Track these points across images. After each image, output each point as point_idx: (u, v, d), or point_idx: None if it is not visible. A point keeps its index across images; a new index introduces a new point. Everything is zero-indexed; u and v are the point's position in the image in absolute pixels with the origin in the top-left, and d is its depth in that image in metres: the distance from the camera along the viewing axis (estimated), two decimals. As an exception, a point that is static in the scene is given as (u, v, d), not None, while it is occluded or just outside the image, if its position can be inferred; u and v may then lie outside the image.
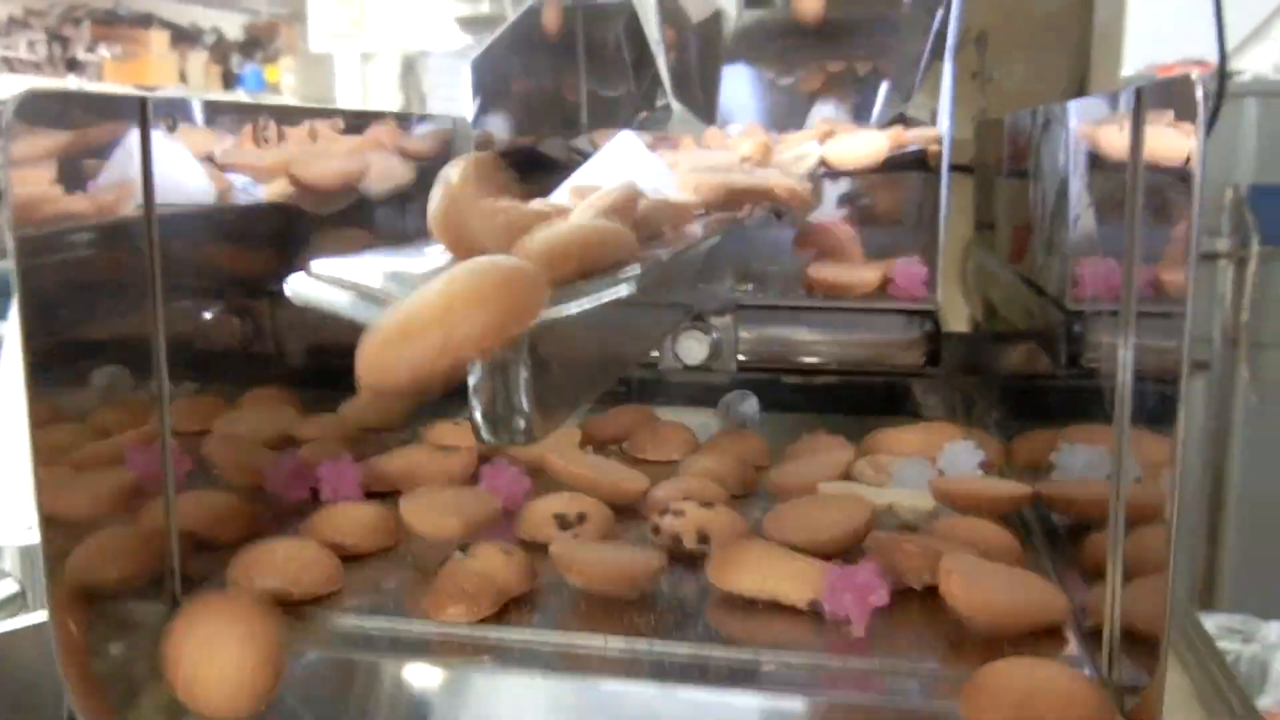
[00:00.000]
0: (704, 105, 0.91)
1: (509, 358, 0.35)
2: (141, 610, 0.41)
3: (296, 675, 0.40)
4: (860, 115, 0.75)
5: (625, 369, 0.58)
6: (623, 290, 0.31)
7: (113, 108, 0.38)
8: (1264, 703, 1.35)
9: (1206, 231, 2.15)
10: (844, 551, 0.45)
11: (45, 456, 0.36)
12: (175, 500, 0.41)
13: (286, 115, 0.50)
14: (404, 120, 0.61)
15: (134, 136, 0.38)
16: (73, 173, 0.36)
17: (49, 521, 0.36)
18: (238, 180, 0.47)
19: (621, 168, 0.48)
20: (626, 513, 0.52)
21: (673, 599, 0.44)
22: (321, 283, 0.34)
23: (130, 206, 0.39)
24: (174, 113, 0.41)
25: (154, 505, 0.41)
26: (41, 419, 0.36)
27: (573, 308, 0.31)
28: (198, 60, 3.73)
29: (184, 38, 3.74)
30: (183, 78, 3.66)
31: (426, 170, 0.63)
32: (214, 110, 0.44)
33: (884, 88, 0.79)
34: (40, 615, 0.50)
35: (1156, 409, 0.36)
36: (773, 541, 0.46)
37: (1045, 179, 0.54)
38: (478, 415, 0.35)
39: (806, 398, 0.66)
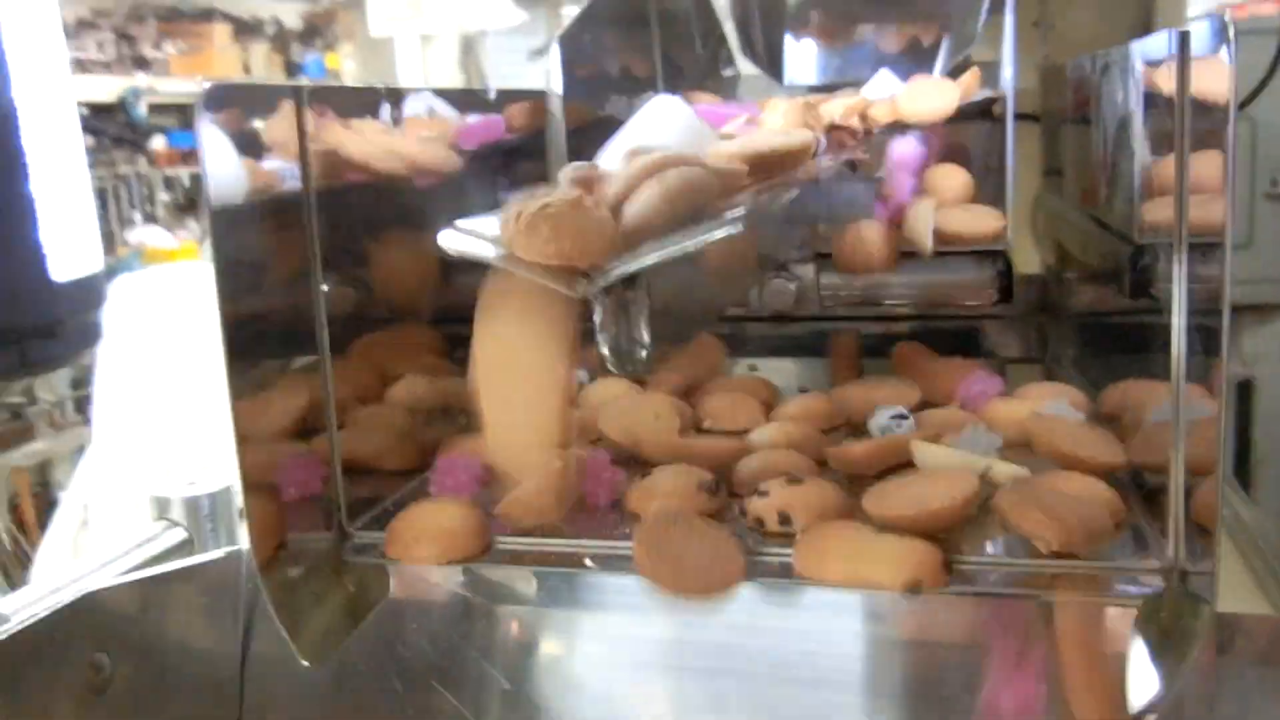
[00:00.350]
0: (770, 66, 0.95)
1: (629, 298, 0.41)
2: (315, 539, 0.47)
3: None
4: (923, 69, 0.79)
5: (724, 309, 0.63)
6: (729, 229, 0.37)
7: (275, 95, 0.44)
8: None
9: (1283, 171, 2.13)
10: (950, 524, 0.46)
11: (241, 413, 0.42)
12: (339, 444, 0.48)
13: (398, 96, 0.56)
14: (505, 94, 0.67)
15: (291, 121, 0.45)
16: (248, 150, 0.42)
17: (248, 479, 0.43)
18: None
19: (664, 130, 0.50)
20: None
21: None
22: (466, 236, 0.40)
23: (288, 184, 0.45)
24: (324, 99, 0.47)
25: (322, 447, 0.47)
26: (236, 376, 0.42)
27: (687, 245, 0.37)
28: (260, 51, 3.84)
29: (245, 30, 3.85)
30: (246, 69, 3.78)
31: (526, 140, 0.69)
32: (351, 95, 0.51)
33: (945, 41, 0.83)
34: (206, 556, 0.57)
35: (1209, 340, 0.40)
36: (867, 519, 0.46)
37: (1107, 120, 0.58)
38: (605, 349, 0.41)
39: (889, 342, 0.71)
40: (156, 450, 2.19)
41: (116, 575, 0.51)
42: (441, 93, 0.62)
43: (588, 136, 0.77)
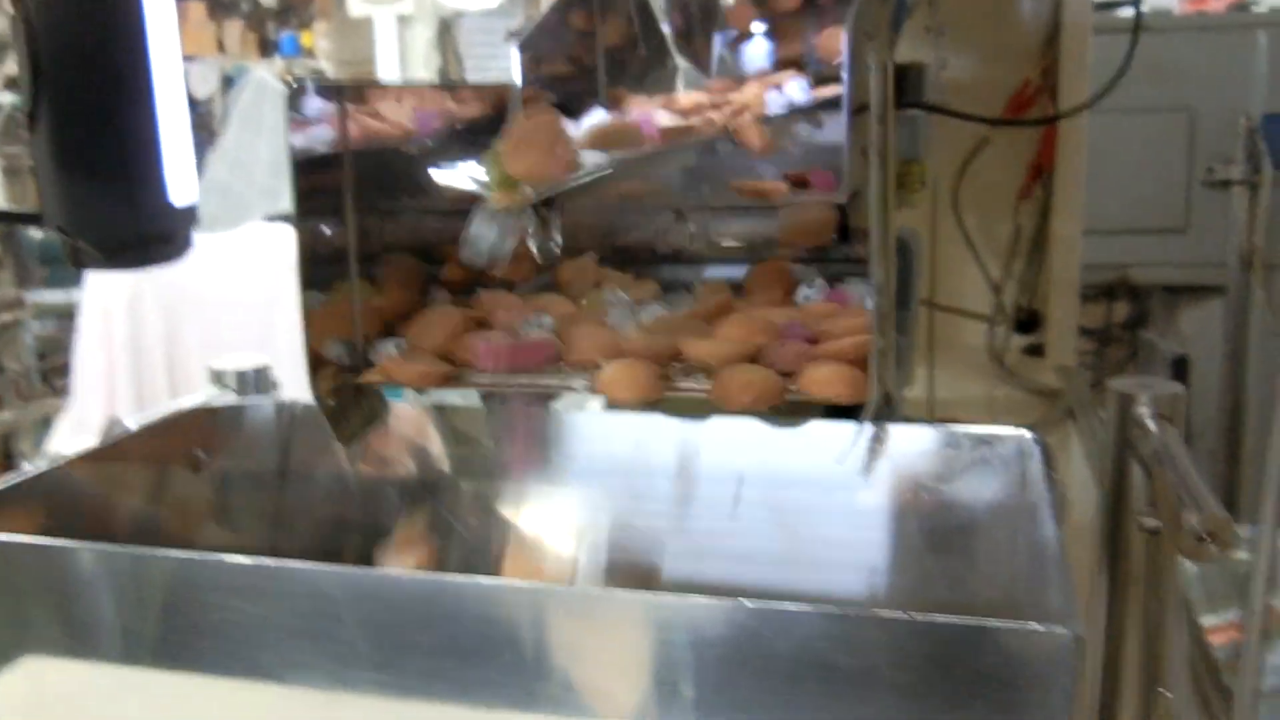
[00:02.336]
0: (703, 61, 1.26)
1: (549, 214, 0.71)
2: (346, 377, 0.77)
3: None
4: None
5: (621, 234, 0.93)
6: (608, 170, 0.67)
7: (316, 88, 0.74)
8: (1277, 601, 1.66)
9: (1220, 159, 2.45)
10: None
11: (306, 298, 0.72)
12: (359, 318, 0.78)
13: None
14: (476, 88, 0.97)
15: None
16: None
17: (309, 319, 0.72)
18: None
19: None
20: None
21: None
22: (451, 173, 0.70)
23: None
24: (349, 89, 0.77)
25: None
26: (305, 271, 0.72)
27: (582, 179, 0.66)
28: (234, 29, 4.14)
29: (220, 6, 4.15)
30: (221, 46, 4.08)
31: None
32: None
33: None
34: (257, 399, 0.87)
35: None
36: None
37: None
38: (534, 248, 0.71)
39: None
40: (130, 399, 2.47)
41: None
42: (428, 84, 0.92)
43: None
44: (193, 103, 3.41)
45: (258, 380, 0.90)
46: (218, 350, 0.93)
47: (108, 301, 2.54)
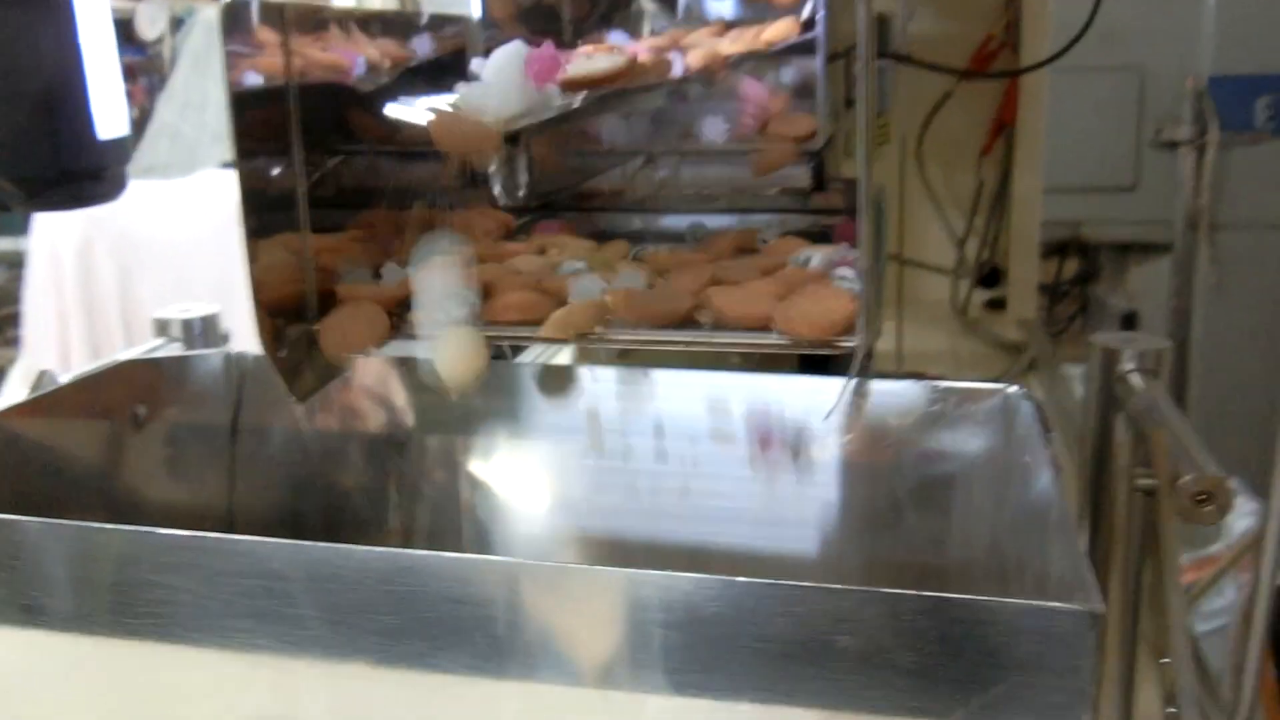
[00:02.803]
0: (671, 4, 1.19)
1: (514, 153, 0.64)
2: (296, 329, 0.70)
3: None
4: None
5: (589, 176, 0.87)
6: (573, 103, 0.60)
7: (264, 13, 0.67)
8: (1215, 548, 1.65)
9: (1169, 120, 2.42)
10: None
11: (252, 238, 0.65)
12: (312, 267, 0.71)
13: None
14: (430, 22, 0.89)
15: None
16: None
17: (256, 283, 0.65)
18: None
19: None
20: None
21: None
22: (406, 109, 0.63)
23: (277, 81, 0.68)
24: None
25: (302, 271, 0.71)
26: (250, 221, 0.65)
27: (544, 116, 0.60)
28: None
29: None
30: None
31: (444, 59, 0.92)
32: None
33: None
34: (206, 352, 0.80)
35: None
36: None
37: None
38: (497, 188, 0.65)
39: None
40: (85, 351, 2.38)
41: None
42: (380, 15, 0.85)
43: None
44: (141, 45, 3.27)
45: (205, 330, 0.83)
46: (174, 301, 0.86)
47: (56, 248, 2.43)
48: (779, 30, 0.88)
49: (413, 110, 0.63)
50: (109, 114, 0.70)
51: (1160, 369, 0.69)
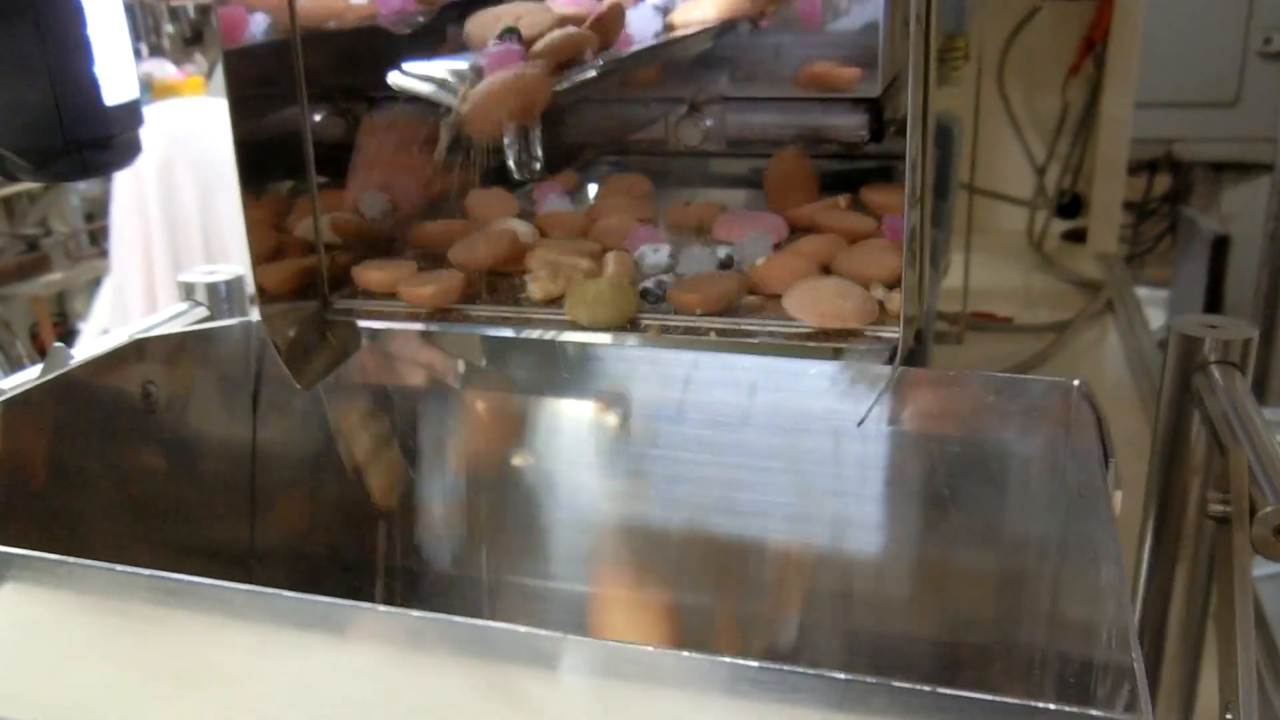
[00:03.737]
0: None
1: (528, 124, 0.58)
2: (304, 305, 0.66)
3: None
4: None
5: (617, 141, 0.80)
6: (590, 72, 0.53)
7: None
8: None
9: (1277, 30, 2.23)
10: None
11: (251, 210, 0.60)
12: (321, 236, 0.66)
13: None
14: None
15: (282, -15, 0.61)
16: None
17: (255, 255, 0.60)
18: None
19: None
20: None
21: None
22: (411, 77, 0.56)
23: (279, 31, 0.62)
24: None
25: (309, 241, 0.65)
26: (248, 184, 0.60)
27: (563, 84, 0.53)
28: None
29: None
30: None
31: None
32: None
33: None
34: (225, 322, 0.76)
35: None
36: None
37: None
38: (510, 162, 0.58)
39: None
40: (168, 270, 2.39)
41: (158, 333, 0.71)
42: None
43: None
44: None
45: (230, 294, 0.78)
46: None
47: (139, 166, 2.42)
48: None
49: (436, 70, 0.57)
50: (116, 79, 0.65)
51: (1245, 363, 0.61)
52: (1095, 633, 0.43)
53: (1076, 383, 0.60)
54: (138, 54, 3.77)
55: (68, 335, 3.33)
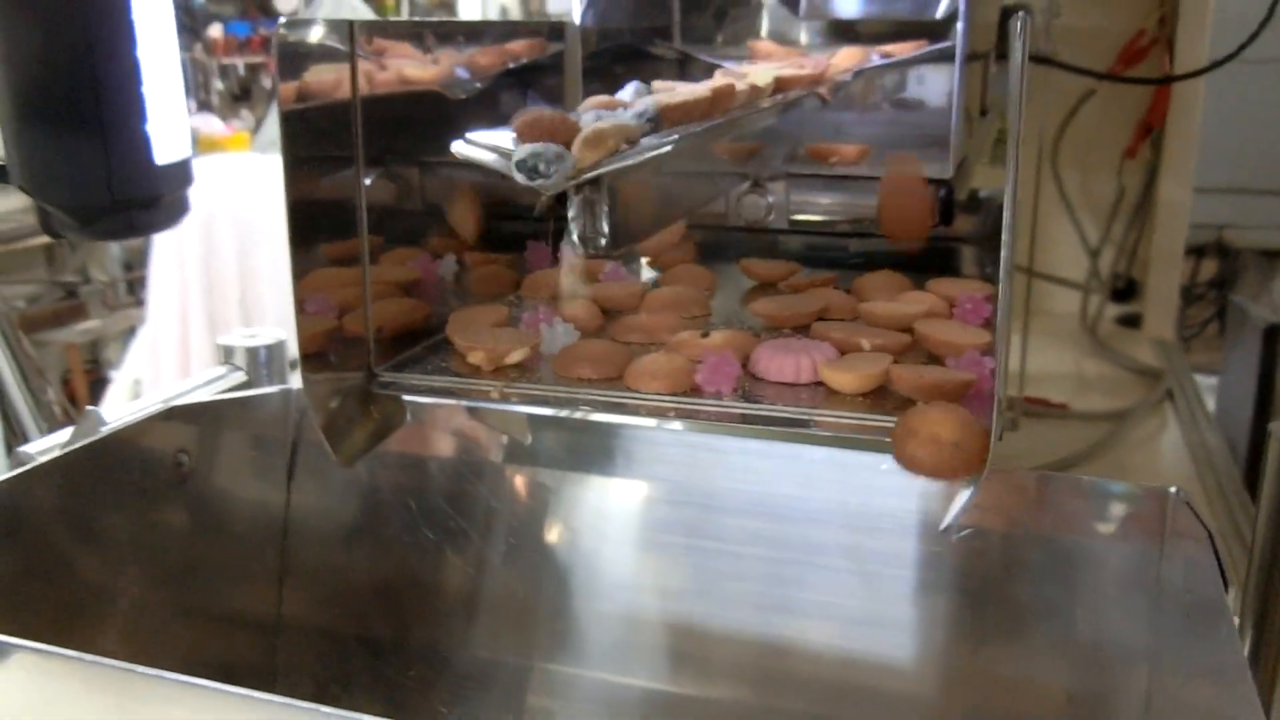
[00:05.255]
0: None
1: (594, 197, 0.55)
2: (351, 375, 0.63)
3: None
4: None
5: (684, 214, 0.77)
6: (664, 149, 0.51)
7: (330, 28, 0.58)
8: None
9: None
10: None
11: (299, 277, 0.57)
12: (370, 307, 0.63)
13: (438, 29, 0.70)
14: (526, 25, 0.80)
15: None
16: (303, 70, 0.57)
17: (301, 324, 0.58)
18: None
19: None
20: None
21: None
22: (474, 146, 0.54)
23: (342, 94, 0.60)
24: (369, 31, 0.61)
25: (359, 309, 0.62)
26: (298, 249, 0.57)
27: (625, 161, 0.50)
28: (319, -54, 3.95)
29: (305, -78, 3.97)
30: (305, -34, 3.90)
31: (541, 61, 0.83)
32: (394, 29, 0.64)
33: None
34: (263, 390, 0.73)
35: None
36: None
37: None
38: (575, 236, 0.55)
39: (849, 254, 0.84)
40: (203, 324, 2.39)
41: (193, 400, 0.68)
42: (470, 24, 0.76)
43: (602, 59, 0.91)
44: (277, 17, 3.26)
45: (270, 359, 0.76)
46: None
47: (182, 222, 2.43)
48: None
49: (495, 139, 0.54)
50: (169, 137, 0.63)
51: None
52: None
53: (1174, 490, 0.56)
54: (187, 109, 3.83)
55: (99, 383, 3.33)
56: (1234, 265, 2.59)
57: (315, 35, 0.57)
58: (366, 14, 3.88)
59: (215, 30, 3.91)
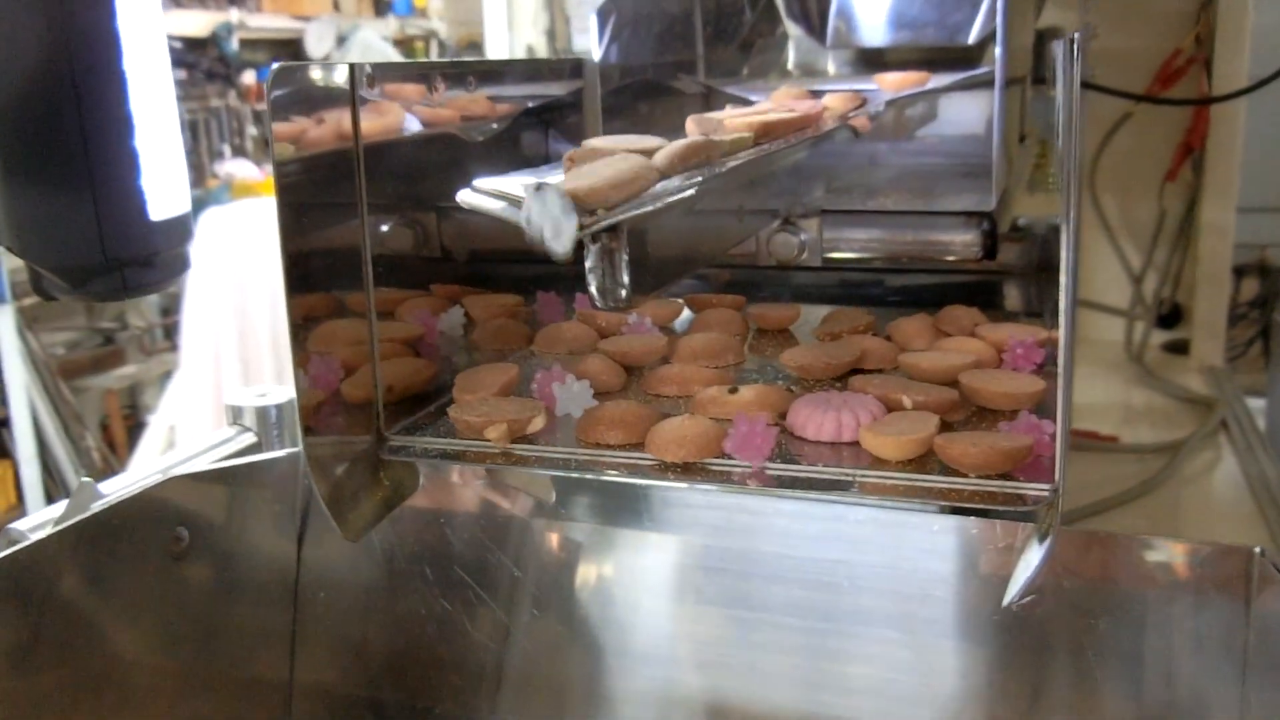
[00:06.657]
0: (817, 27, 1.02)
1: (612, 246, 0.50)
2: (358, 440, 0.58)
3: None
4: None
5: (711, 259, 0.72)
6: (688, 193, 0.46)
7: (330, 70, 0.54)
8: None
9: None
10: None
11: (298, 335, 0.53)
12: (379, 365, 0.58)
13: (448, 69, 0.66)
14: (545, 64, 0.76)
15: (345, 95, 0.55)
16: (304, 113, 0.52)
17: (302, 386, 0.53)
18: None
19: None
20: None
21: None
22: (481, 194, 0.49)
23: (342, 141, 0.56)
24: (374, 73, 0.57)
25: (365, 369, 0.58)
26: (295, 305, 0.53)
27: (646, 208, 0.46)
28: (349, -10, 3.97)
29: (333, -33, 3.99)
30: (336, 7, 3.92)
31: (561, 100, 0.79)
32: (395, 70, 0.60)
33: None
34: (271, 454, 0.69)
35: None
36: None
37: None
38: (593, 289, 0.50)
39: (886, 291, 0.79)
40: (236, 371, 2.36)
41: (195, 466, 0.63)
42: (483, 64, 0.72)
43: (624, 96, 0.86)
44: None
45: (281, 419, 0.71)
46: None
47: (214, 265, 2.41)
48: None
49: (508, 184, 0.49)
50: (165, 192, 0.59)
51: None
52: None
53: (1259, 550, 0.50)
54: (221, 154, 3.85)
55: (137, 428, 3.32)
56: (1276, 284, 2.51)
57: (313, 79, 0.53)
58: (395, 58, 3.89)
59: (248, 77, 3.93)
